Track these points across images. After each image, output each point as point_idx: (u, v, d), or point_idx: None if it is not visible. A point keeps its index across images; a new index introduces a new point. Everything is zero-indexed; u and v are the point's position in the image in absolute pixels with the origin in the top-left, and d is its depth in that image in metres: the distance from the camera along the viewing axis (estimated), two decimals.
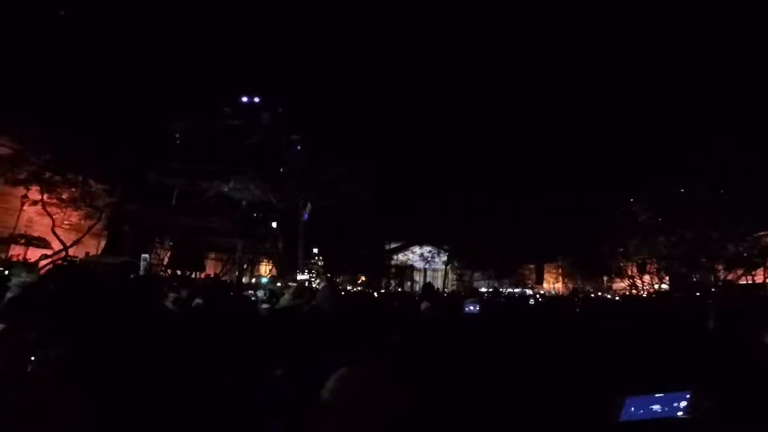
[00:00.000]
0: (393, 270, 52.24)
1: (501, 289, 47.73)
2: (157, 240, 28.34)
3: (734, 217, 30.13)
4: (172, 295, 6.37)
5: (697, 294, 18.54)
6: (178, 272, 25.17)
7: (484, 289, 43.21)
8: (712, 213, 31.00)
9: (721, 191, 32.20)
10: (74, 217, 21.04)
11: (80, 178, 20.25)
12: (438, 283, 47.26)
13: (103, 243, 24.53)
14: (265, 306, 7.04)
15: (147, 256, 23.73)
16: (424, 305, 5.47)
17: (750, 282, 28.01)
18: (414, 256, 54.86)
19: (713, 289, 25.17)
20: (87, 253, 21.19)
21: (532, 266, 55.89)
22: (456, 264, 51.45)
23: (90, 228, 21.12)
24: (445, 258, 51.53)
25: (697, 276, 31.57)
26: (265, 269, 35.72)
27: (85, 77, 25.29)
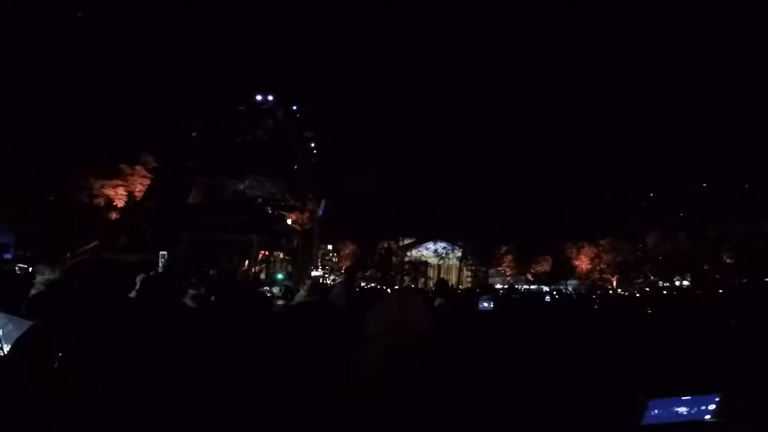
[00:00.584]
0: (407, 266, 52.19)
1: (516, 286, 47.37)
2: (176, 237, 28.96)
3: (761, 213, 29.19)
4: (191, 292, 6.47)
5: (720, 291, 18.02)
6: (196, 269, 25.66)
7: (498, 286, 42.85)
8: (736, 208, 30.10)
9: (746, 186, 31.22)
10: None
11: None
12: (452, 280, 47.07)
13: (124, 240, 25.15)
14: (280, 302, 7.11)
15: (165, 253, 24.27)
16: (438, 301, 5.43)
17: None
18: (428, 252, 54.74)
19: (738, 287, 24.43)
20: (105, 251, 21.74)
21: (548, 262, 55.15)
22: (470, 260, 51.11)
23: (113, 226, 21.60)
24: (459, 254, 51.25)
25: (720, 273, 30.73)
26: (281, 265, 36.18)
27: (107, 79, 25.82)
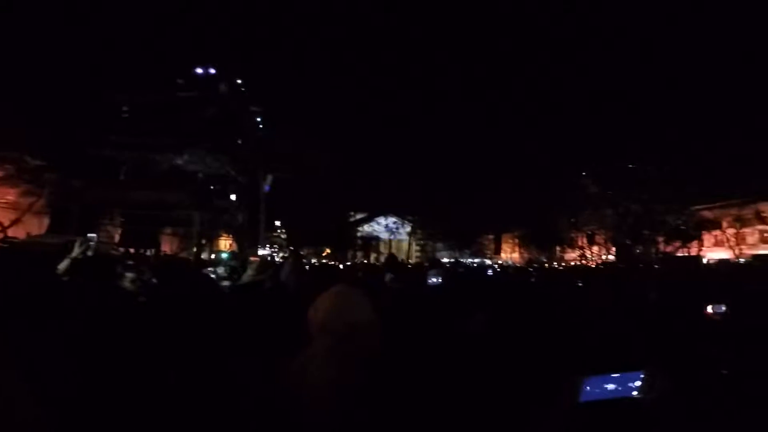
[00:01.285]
0: (359, 241, 52.48)
1: (461, 260, 49.47)
2: (107, 217, 26.75)
3: (675, 191, 32.49)
4: (129, 275, 6.06)
5: (640, 265, 20.00)
6: (132, 250, 23.96)
7: (446, 260, 44.45)
8: (656, 187, 33.27)
9: (665, 167, 34.54)
10: (11, 195, 19.35)
11: (16, 154, 18.56)
12: (403, 254, 48.07)
13: (46, 222, 22.80)
14: (225, 283, 6.84)
15: (95, 235, 22.36)
16: (387, 277, 5.49)
17: (686, 254, 30.57)
18: (379, 227, 55.27)
19: (654, 261, 27.26)
20: (28, 234, 19.63)
21: (491, 237, 57.98)
22: (419, 234, 52.39)
23: (30, 206, 19.53)
24: (409, 229, 52.27)
25: (641, 248, 34.06)
26: (225, 244, 34.78)
27: (20, 47, 22.72)
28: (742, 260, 25.86)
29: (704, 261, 24.53)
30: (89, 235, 21.48)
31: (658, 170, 34.37)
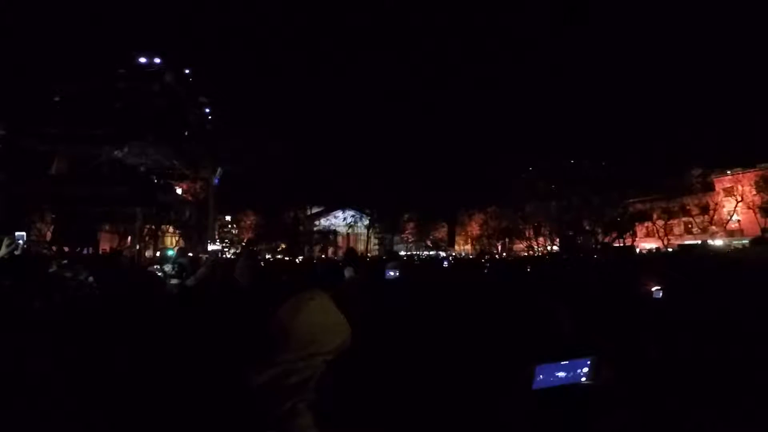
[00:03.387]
0: (316, 235, 51.76)
1: (417, 252, 50.39)
2: (37, 214, 24.41)
3: (612, 185, 35.07)
4: (66, 275, 5.62)
5: (581, 255, 21.37)
6: (66, 249, 22.05)
7: (403, 253, 45.09)
8: (594, 181, 35.73)
9: (603, 163, 37.20)
10: None
11: None
12: (361, 248, 48.11)
13: None
14: (174, 281, 6.47)
15: (23, 233, 20.28)
16: (347, 272, 5.45)
17: (621, 245, 33.12)
18: (337, 220, 54.80)
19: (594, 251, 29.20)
20: None
21: (445, 230, 59.44)
22: (377, 228, 52.56)
23: None
24: (367, 222, 52.28)
25: (581, 238, 36.45)
26: (172, 240, 32.94)
27: None
28: (669, 249, 28.39)
29: (637, 250, 26.66)
30: (17, 233, 19.43)
31: (595, 166, 36.97)
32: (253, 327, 1.07)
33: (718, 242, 29.38)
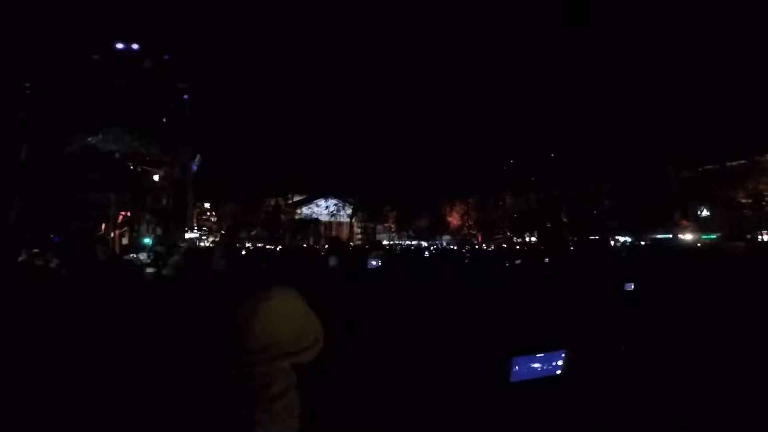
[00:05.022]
0: (298, 224, 51.40)
1: (399, 242, 50.71)
2: (3, 201, 23.42)
3: (588, 179, 35.92)
4: (38, 263, 5.45)
5: (559, 247, 21.85)
6: (34, 236, 21.21)
7: (386, 242, 45.26)
8: (572, 175, 36.56)
9: (581, 156, 37.97)
10: None
11: None
12: (343, 236, 48.01)
13: None
14: (150, 270, 6.31)
15: None
16: (331, 260, 5.42)
17: (596, 237, 34.08)
18: (319, 209, 54.46)
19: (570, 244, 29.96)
20: None
21: (427, 220, 59.83)
22: (360, 217, 52.50)
23: None
24: (350, 211, 52.11)
25: (559, 230, 37.39)
26: (149, 228, 32.16)
27: None
28: (642, 243, 29.37)
29: (612, 243, 27.47)
30: None
31: (573, 160, 37.78)
32: (217, 322, 1.01)
33: (688, 236, 30.57)
